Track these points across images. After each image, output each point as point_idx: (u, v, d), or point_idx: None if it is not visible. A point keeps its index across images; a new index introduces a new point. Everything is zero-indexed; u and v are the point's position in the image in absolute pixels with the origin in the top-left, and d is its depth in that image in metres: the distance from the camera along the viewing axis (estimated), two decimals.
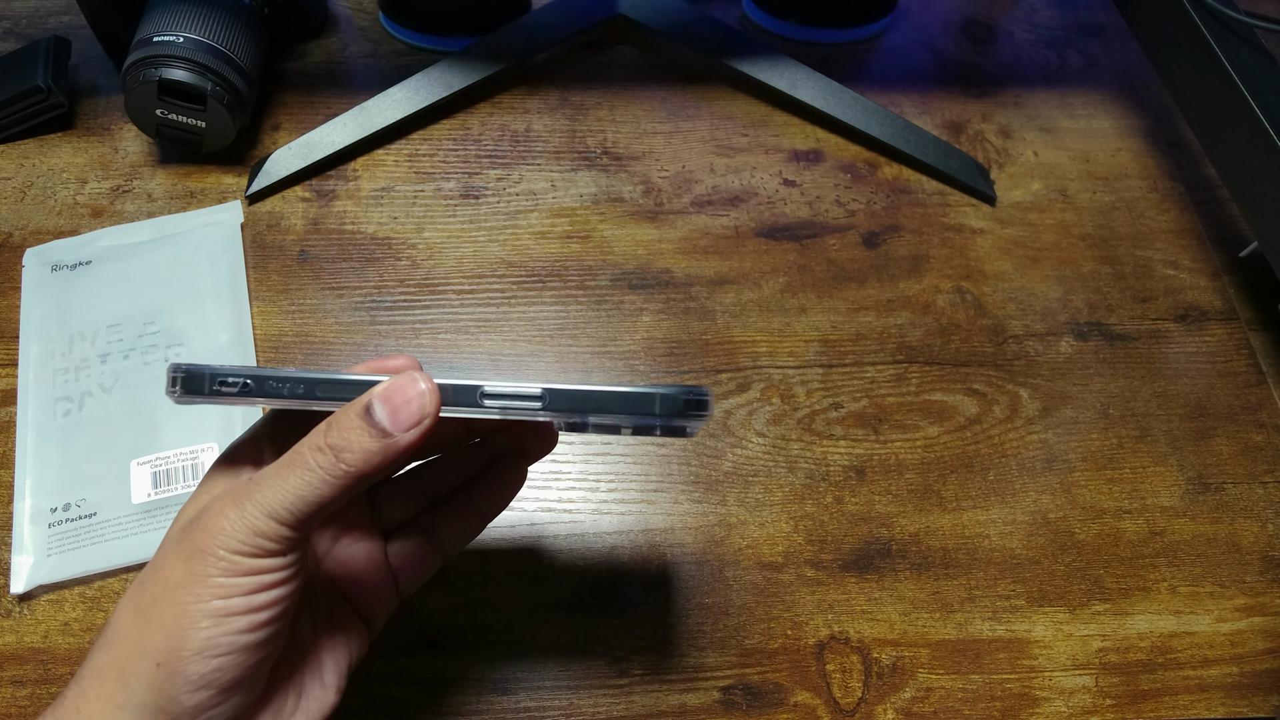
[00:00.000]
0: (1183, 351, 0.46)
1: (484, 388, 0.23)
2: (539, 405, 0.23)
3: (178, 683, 0.22)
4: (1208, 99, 0.45)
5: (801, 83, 0.52)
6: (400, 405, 0.22)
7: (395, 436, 0.22)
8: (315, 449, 0.23)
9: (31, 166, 0.50)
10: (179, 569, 0.23)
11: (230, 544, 0.22)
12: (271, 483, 0.23)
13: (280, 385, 0.23)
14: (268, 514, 0.22)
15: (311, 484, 0.22)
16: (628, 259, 0.48)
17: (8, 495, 0.39)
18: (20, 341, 0.43)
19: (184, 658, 0.22)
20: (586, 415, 0.24)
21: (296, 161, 0.49)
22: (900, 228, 0.50)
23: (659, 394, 0.23)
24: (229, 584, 0.22)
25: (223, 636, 0.22)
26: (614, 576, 0.39)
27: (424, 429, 0.22)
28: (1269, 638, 0.39)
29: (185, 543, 0.23)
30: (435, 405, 0.23)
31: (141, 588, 0.24)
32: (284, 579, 0.23)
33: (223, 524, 0.22)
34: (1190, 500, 0.42)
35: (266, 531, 0.22)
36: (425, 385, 0.22)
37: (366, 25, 0.57)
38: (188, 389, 0.23)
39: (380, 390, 0.23)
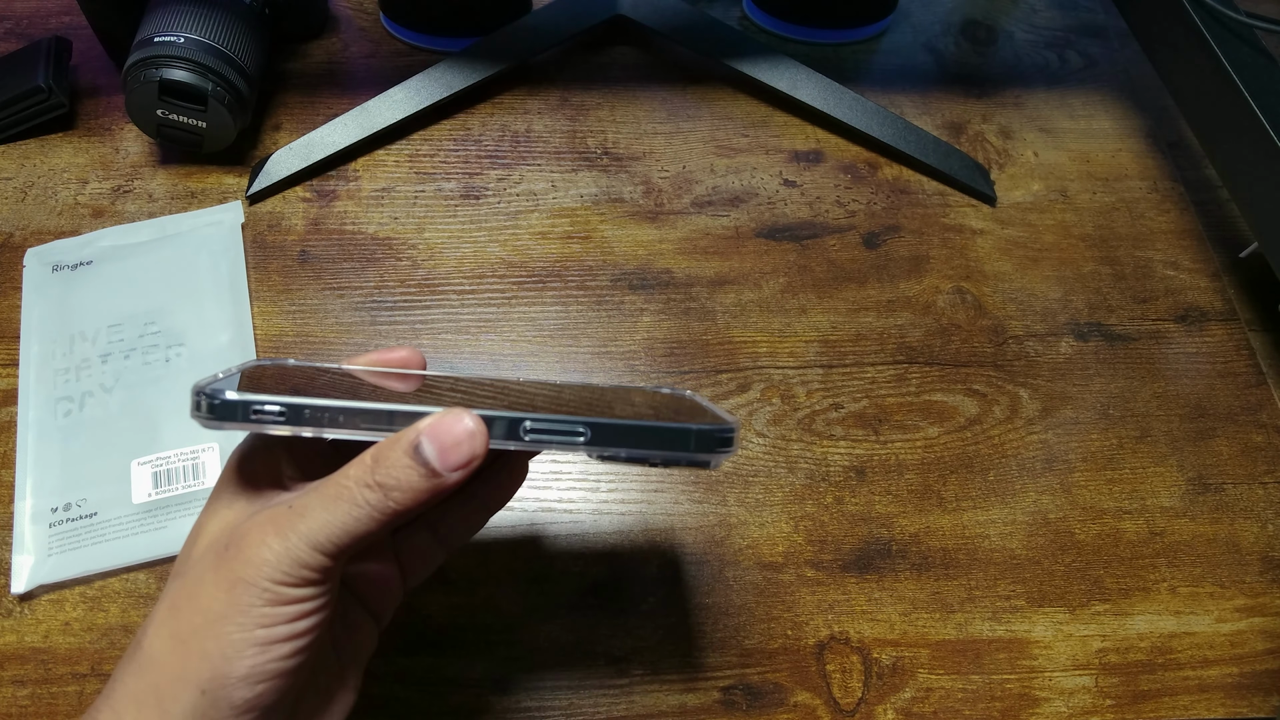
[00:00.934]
0: (1183, 352, 0.47)
1: (526, 423, 0.23)
2: (581, 440, 0.24)
3: (222, 708, 0.23)
4: (1208, 99, 0.45)
5: (802, 83, 0.52)
6: (450, 446, 0.22)
7: (444, 477, 0.22)
8: (364, 485, 0.23)
9: (32, 167, 0.50)
10: (220, 599, 0.23)
11: (274, 575, 0.23)
12: (316, 515, 0.23)
13: (319, 414, 0.23)
14: (311, 545, 0.23)
15: (359, 520, 0.23)
16: (628, 259, 0.48)
17: (8, 495, 0.39)
18: (21, 341, 0.43)
19: (229, 685, 0.23)
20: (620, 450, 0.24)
21: (297, 162, 0.49)
22: (900, 228, 0.50)
23: (694, 431, 0.24)
24: (272, 613, 0.23)
25: (267, 664, 0.23)
26: (614, 577, 0.39)
27: (472, 469, 0.23)
28: (1269, 638, 0.39)
29: (224, 570, 0.23)
30: (484, 446, 0.23)
31: (177, 613, 0.24)
32: (322, 605, 0.24)
33: (266, 555, 0.23)
34: (1190, 500, 0.42)
35: (309, 563, 0.23)
36: (474, 425, 0.23)
37: (367, 25, 0.57)
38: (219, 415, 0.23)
39: (427, 427, 0.23)
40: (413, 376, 0.29)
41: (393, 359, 0.29)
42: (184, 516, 0.38)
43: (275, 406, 0.23)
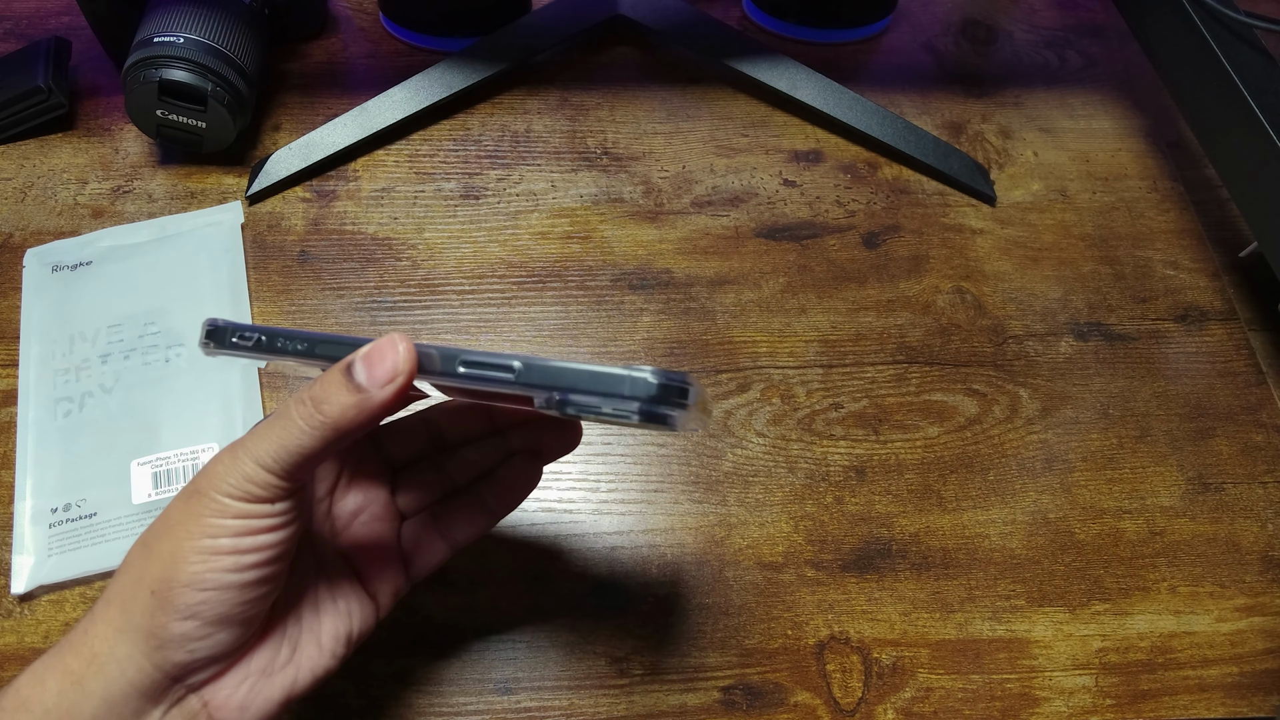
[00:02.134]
0: (1183, 351, 0.47)
1: (461, 355, 0.24)
2: (511, 377, 0.24)
3: (168, 610, 0.24)
4: (1208, 99, 0.45)
5: (801, 83, 0.52)
6: (376, 362, 0.24)
7: (370, 392, 0.23)
8: (299, 402, 0.24)
9: (32, 167, 0.50)
10: (178, 507, 0.25)
11: (223, 488, 0.24)
12: (261, 433, 0.24)
13: (286, 342, 0.25)
14: (255, 461, 0.24)
15: (293, 434, 0.24)
16: (628, 259, 0.48)
17: (8, 495, 0.39)
18: (21, 342, 0.43)
19: (174, 588, 0.24)
20: (558, 393, 0.24)
21: (297, 162, 0.49)
22: (900, 228, 0.50)
23: (629, 376, 0.23)
24: (219, 524, 0.24)
25: (209, 573, 0.24)
26: (614, 576, 0.39)
27: (398, 386, 0.24)
28: (1269, 638, 0.39)
29: (189, 487, 0.25)
30: (409, 365, 0.24)
31: (151, 526, 0.26)
32: (272, 526, 0.25)
33: (217, 469, 0.24)
34: (1190, 500, 0.42)
35: (254, 478, 0.24)
36: (403, 345, 0.24)
37: (367, 25, 0.57)
38: (213, 340, 0.25)
39: (364, 350, 0.24)
40: None
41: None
42: None
43: (251, 335, 0.25)
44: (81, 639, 0.25)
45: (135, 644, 0.24)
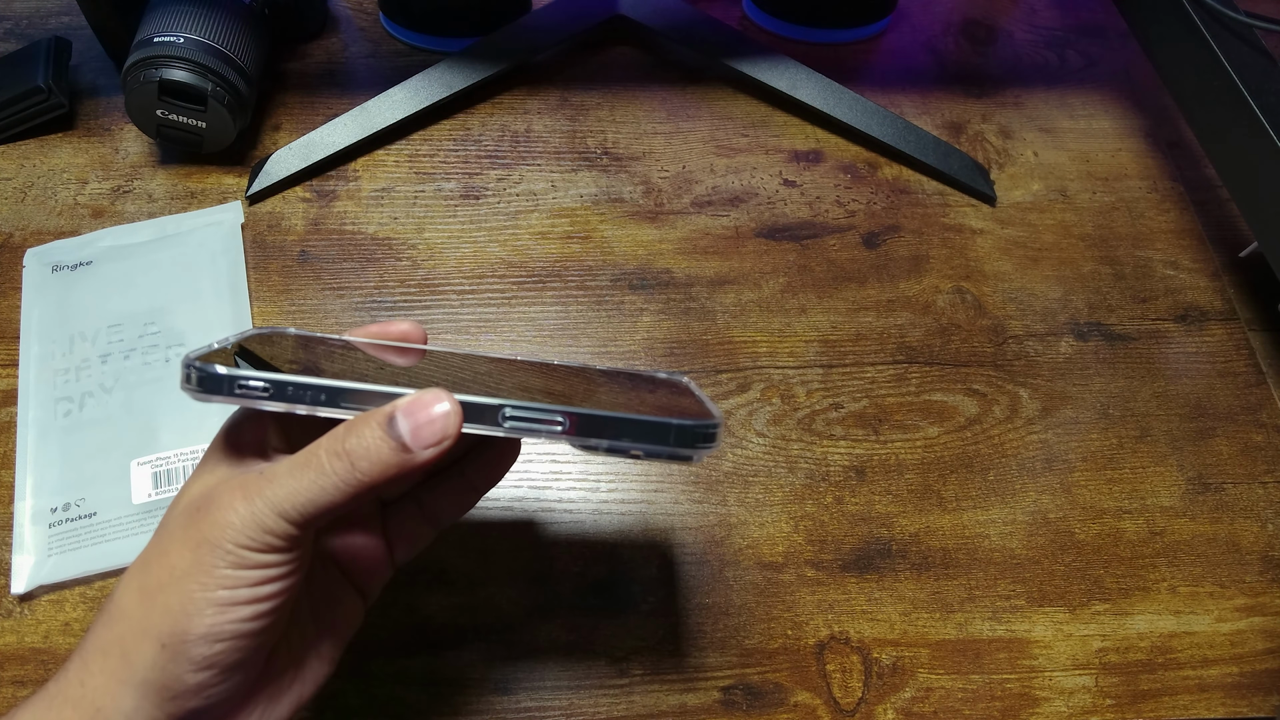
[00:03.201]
0: (1183, 351, 0.47)
1: (505, 410, 0.23)
2: (559, 430, 0.24)
3: (181, 663, 0.23)
4: (1208, 99, 0.45)
5: (801, 83, 0.52)
6: (424, 424, 0.22)
7: (414, 453, 0.22)
8: (332, 454, 0.23)
9: (32, 167, 0.50)
10: (186, 557, 0.23)
11: (238, 539, 0.23)
12: (284, 481, 0.23)
13: (302, 392, 0.23)
14: (277, 512, 0.23)
15: (324, 488, 0.23)
16: (628, 259, 0.48)
17: (8, 495, 0.39)
18: (21, 342, 0.43)
19: (189, 641, 0.23)
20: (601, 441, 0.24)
21: (297, 162, 0.49)
22: (900, 228, 0.50)
23: (674, 425, 0.24)
24: (235, 576, 0.23)
25: (227, 624, 0.23)
26: (614, 577, 0.39)
27: (444, 449, 0.23)
28: (1269, 638, 0.39)
29: (192, 530, 0.23)
30: (457, 427, 0.23)
31: (146, 569, 0.24)
32: (287, 573, 0.24)
33: (231, 518, 0.23)
34: (1190, 500, 0.42)
35: (274, 529, 0.23)
36: (450, 406, 0.23)
37: (367, 25, 0.57)
38: (206, 389, 0.23)
39: (405, 404, 0.23)
40: (412, 351, 0.29)
41: (393, 332, 0.29)
42: None
43: (259, 382, 0.23)
44: (77, 691, 0.24)
45: (144, 695, 0.23)
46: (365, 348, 0.28)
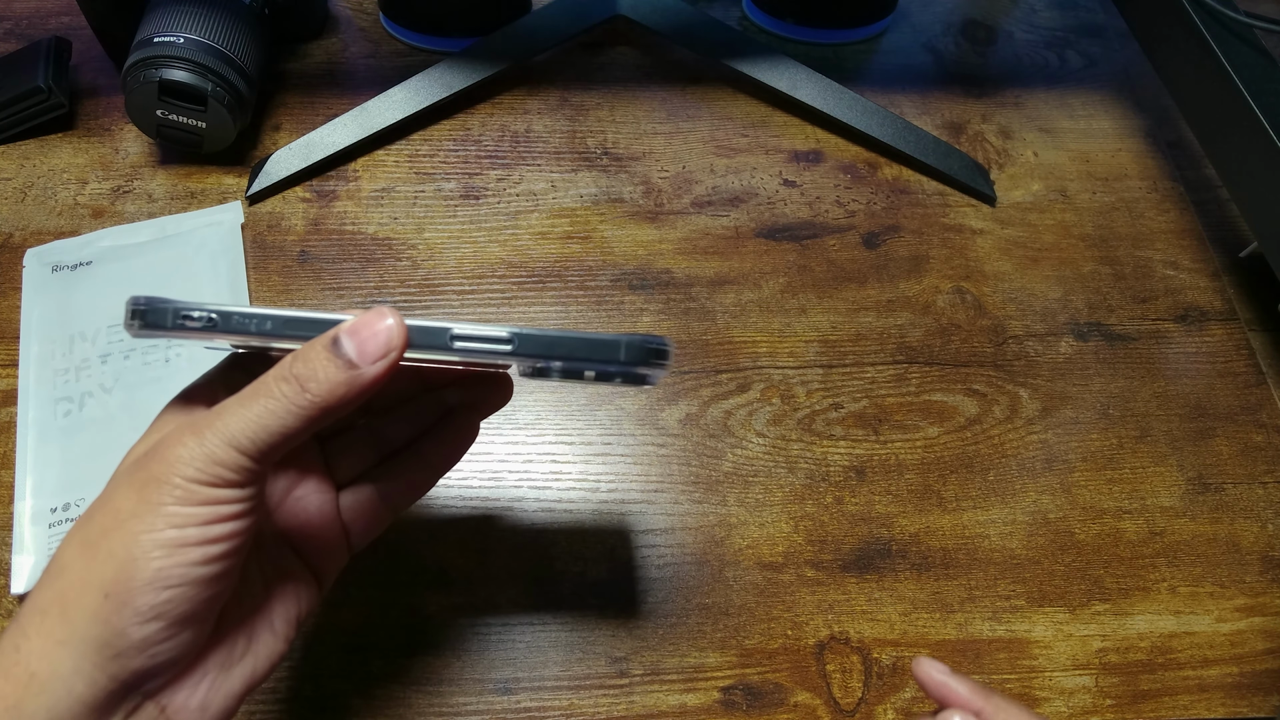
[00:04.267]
0: (1183, 352, 0.47)
1: (453, 330, 0.23)
2: (508, 349, 0.23)
3: (126, 614, 0.21)
4: (1208, 99, 0.45)
5: (801, 83, 0.52)
6: (367, 338, 0.22)
7: (361, 369, 0.22)
8: (280, 379, 0.22)
9: (32, 167, 0.50)
10: (131, 498, 0.22)
11: (188, 472, 0.22)
12: (234, 411, 0.22)
13: (247, 320, 0.23)
14: (228, 442, 0.22)
15: (275, 413, 0.22)
16: (628, 259, 0.48)
17: (8, 495, 0.39)
18: (21, 342, 0.43)
19: (134, 588, 0.21)
20: (551, 362, 0.24)
21: (297, 162, 0.49)
22: (900, 228, 0.50)
23: (624, 341, 0.24)
24: (185, 513, 0.22)
25: (175, 568, 0.22)
26: (614, 576, 0.39)
27: (390, 362, 0.22)
28: (1269, 638, 0.39)
29: (139, 473, 0.22)
30: (402, 339, 0.22)
31: (89, 520, 0.23)
32: (240, 512, 0.23)
33: (180, 452, 0.22)
34: (1190, 500, 0.42)
35: (226, 460, 0.22)
36: (393, 320, 0.22)
37: (367, 26, 0.57)
38: (148, 323, 0.23)
39: (348, 324, 0.22)
40: None
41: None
42: None
43: (202, 313, 0.23)
44: (11, 657, 0.22)
45: (84, 655, 0.21)
46: None
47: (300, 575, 0.28)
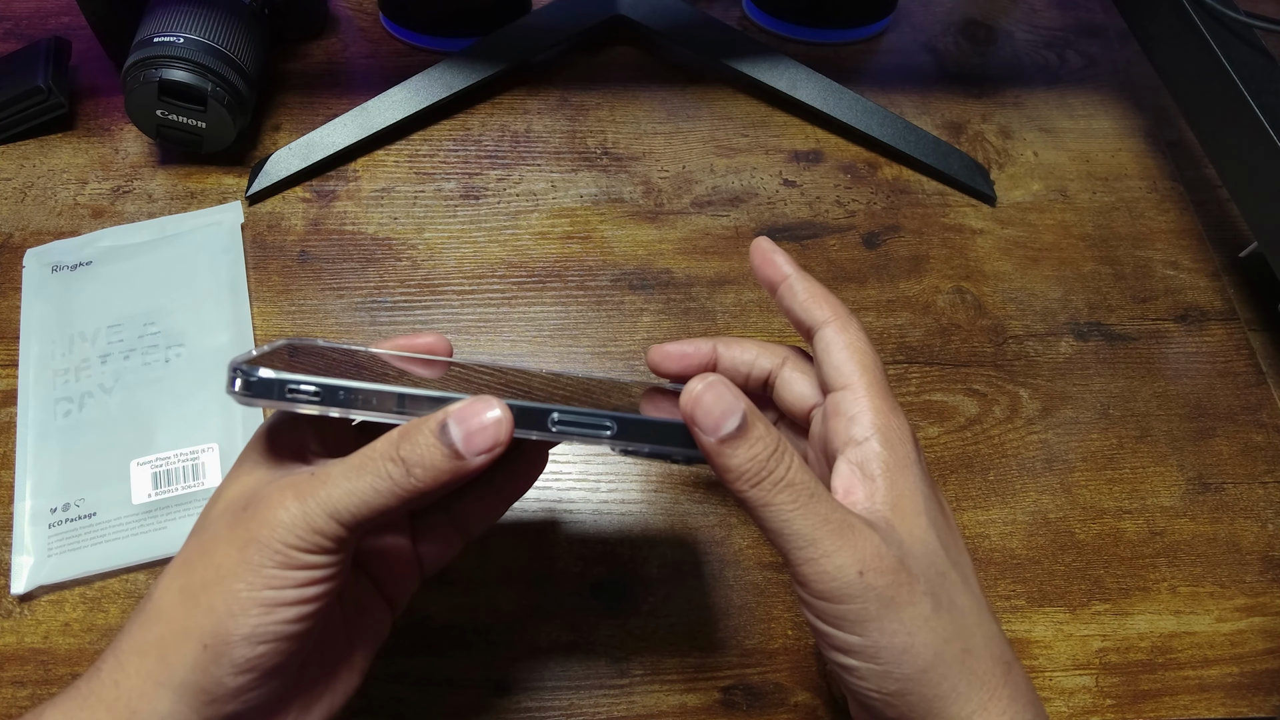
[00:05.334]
0: (1183, 351, 0.47)
1: (554, 414, 0.24)
2: (608, 434, 0.24)
3: (223, 665, 0.23)
4: (1208, 99, 0.45)
5: (801, 83, 0.52)
6: (475, 430, 0.23)
7: (467, 459, 0.23)
8: (388, 459, 0.23)
9: (32, 167, 0.50)
10: (232, 556, 0.23)
11: (289, 539, 0.23)
12: (338, 484, 0.23)
13: (353, 396, 0.23)
14: (329, 513, 0.23)
15: (380, 492, 0.23)
16: (628, 259, 0.48)
17: (8, 496, 0.39)
18: (20, 342, 0.43)
19: (232, 643, 0.23)
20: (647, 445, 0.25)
21: (297, 162, 0.49)
22: (900, 228, 0.50)
23: None
24: (283, 576, 0.23)
25: (271, 625, 0.23)
26: (614, 577, 0.39)
27: (495, 455, 0.23)
28: (1269, 638, 0.39)
29: (239, 529, 0.23)
30: (509, 433, 0.23)
31: (189, 568, 0.24)
32: (331, 575, 0.24)
33: (282, 517, 0.23)
34: (1190, 500, 0.42)
35: (326, 530, 0.23)
36: (501, 412, 0.23)
37: (367, 26, 0.57)
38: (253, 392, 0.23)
39: (456, 410, 0.23)
40: (438, 363, 0.29)
41: (419, 344, 0.29)
42: (184, 517, 0.38)
43: (310, 386, 0.23)
44: (111, 691, 0.23)
45: (182, 699, 0.23)
46: (392, 360, 0.29)
47: (376, 606, 0.29)
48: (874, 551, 0.23)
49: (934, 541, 0.25)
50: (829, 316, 0.28)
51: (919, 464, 0.26)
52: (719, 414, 0.23)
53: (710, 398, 0.24)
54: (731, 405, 0.24)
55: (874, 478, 0.25)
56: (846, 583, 0.23)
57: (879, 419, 0.26)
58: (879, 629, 0.23)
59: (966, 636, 0.24)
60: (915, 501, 0.25)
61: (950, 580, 0.25)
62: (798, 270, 0.29)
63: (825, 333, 0.28)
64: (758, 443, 0.23)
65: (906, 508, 0.25)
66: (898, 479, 0.25)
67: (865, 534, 0.23)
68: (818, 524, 0.23)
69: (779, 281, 0.29)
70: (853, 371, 0.27)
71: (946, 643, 0.24)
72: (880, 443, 0.26)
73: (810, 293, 0.29)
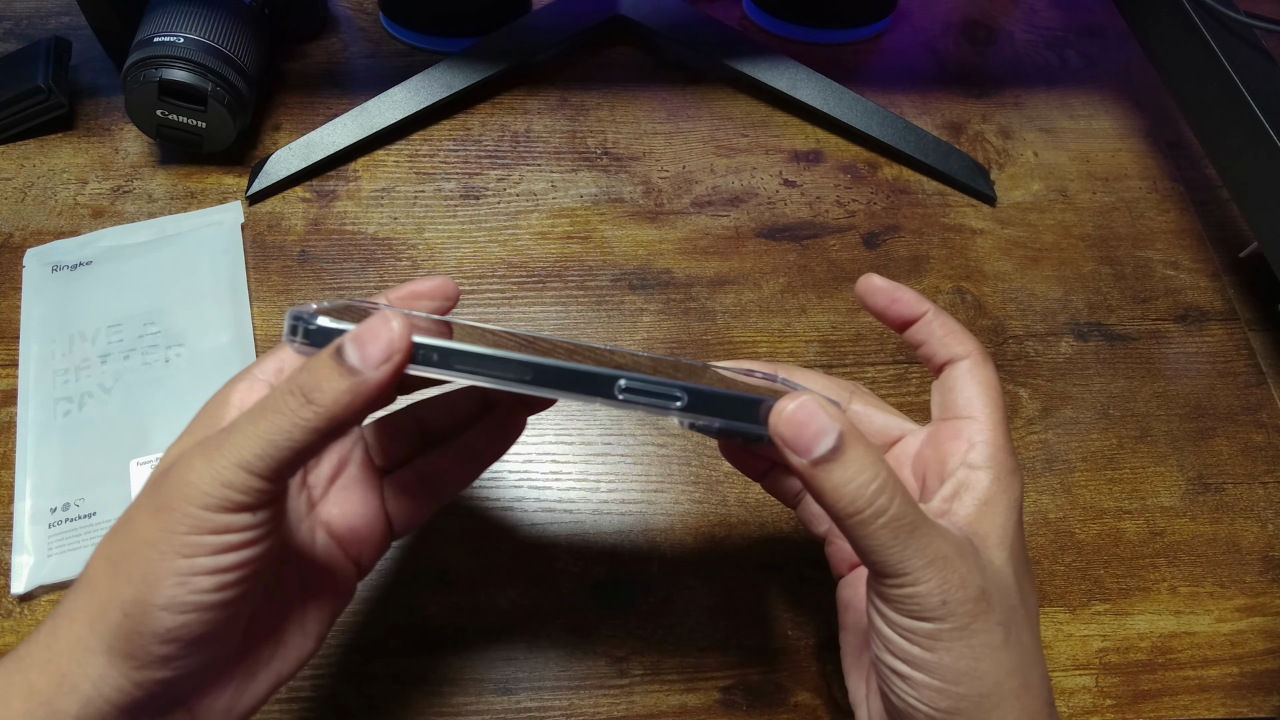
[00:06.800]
0: (1183, 352, 0.46)
1: (621, 381, 0.22)
2: (679, 405, 0.22)
3: (145, 634, 0.22)
4: (1208, 99, 0.45)
5: (801, 83, 0.52)
6: (369, 340, 0.21)
7: (364, 374, 0.21)
8: (286, 392, 0.22)
9: (32, 167, 0.50)
10: (147, 523, 0.22)
11: (198, 498, 0.21)
12: (242, 430, 0.22)
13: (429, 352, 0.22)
14: (238, 464, 0.21)
15: (282, 428, 0.21)
16: (628, 259, 0.48)
17: (8, 495, 0.39)
18: (20, 342, 0.43)
19: (149, 611, 0.22)
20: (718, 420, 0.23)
21: (297, 162, 0.49)
22: (900, 228, 0.50)
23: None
24: (195, 542, 0.22)
25: (188, 595, 0.22)
26: (614, 577, 0.39)
27: (395, 365, 0.22)
28: (1269, 638, 0.39)
29: (155, 496, 0.22)
30: (405, 339, 0.22)
31: (114, 537, 0.23)
32: (254, 539, 0.22)
33: (190, 477, 0.22)
34: (1190, 500, 0.42)
35: (236, 483, 0.21)
36: (397, 324, 0.22)
37: (367, 25, 0.57)
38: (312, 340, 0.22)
39: (352, 332, 0.22)
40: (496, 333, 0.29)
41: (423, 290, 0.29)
42: None
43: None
44: (44, 654, 0.23)
45: (112, 663, 0.22)
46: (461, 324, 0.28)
47: (339, 568, 0.28)
48: (959, 580, 0.23)
49: (1010, 577, 0.25)
50: (971, 351, 0.29)
51: (1017, 507, 0.27)
52: (812, 433, 0.22)
53: (803, 415, 0.22)
54: (825, 425, 0.22)
55: (975, 502, 0.26)
56: (928, 607, 0.23)
57: (998, 455, 0.27)
58: (948, 649, 0.24)
59: (1026, 673, 0.25)
60: (1004, 536, 0.26)
61: (1019, 616, 0.25)
62: (936, 307, 0.30)
63: (964, 364, 0.29)
64: (853, 466, 0.22)
65: (995, 539, 0.26)
66: (996, 510, 0.26)
67: (955, 564, 0.24)
68: (912, 556, 0.23)
69: (915, 318, 0.30)
70: (983, 407, 0.28)
71: (1009, 675, 0.24)
72: (991, 475, 0.27)
73: (948, 328, 0.29)
